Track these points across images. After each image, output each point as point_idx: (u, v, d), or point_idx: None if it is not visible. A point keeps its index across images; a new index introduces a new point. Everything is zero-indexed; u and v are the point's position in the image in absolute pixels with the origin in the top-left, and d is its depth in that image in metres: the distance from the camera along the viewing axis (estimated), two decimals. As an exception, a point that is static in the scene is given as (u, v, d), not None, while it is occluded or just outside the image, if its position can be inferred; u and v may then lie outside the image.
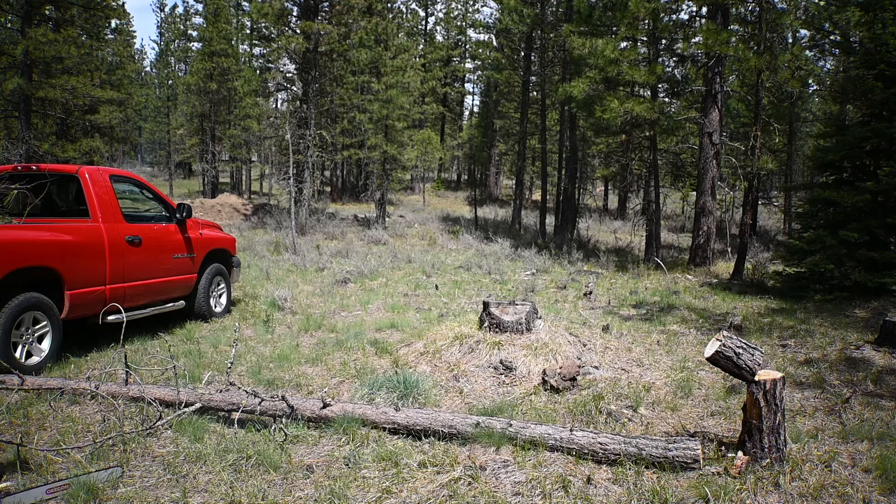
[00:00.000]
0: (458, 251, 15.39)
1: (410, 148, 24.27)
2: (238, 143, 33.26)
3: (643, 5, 11.84)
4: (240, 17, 40.58)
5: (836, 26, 15.76)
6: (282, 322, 7.48)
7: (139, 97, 38.31)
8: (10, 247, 4.93)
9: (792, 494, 3.31)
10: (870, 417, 4.44)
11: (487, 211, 28.72)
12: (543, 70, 22.29)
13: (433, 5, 44.85)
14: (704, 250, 13.18)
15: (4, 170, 6.15)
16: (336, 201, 32.41)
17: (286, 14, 20.11)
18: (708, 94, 12.81)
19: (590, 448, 3.66)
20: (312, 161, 20.32)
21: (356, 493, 3.33)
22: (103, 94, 20.00)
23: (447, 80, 42.91)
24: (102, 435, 3.86)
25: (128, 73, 29.10)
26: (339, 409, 4.10)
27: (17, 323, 4.95)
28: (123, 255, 5.91)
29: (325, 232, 18.23)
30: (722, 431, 4.20)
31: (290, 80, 21.46)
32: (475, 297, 9.32)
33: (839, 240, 8.80)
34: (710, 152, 12.84)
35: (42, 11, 18.93)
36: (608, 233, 21.39)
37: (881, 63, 9.10)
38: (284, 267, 11.98)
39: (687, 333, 7.22)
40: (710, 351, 3.73)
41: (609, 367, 5.56)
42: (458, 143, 42.01)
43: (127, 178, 6.66)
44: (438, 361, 5.53)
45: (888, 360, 5.83)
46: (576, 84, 13.37)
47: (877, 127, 9.05)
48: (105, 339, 6.03)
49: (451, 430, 3.92)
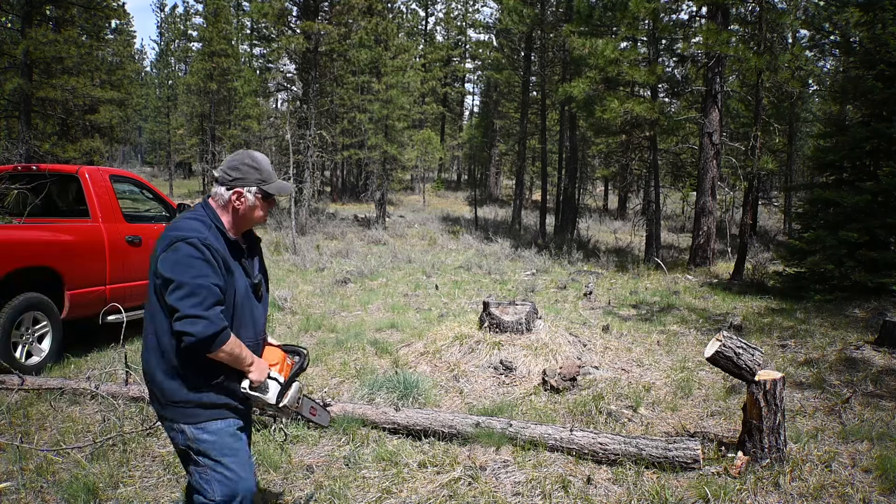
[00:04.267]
0: (458, 251, 15.39)
1: (410, 148, 24.29)
2: (238, 144, 33.23)
3: (643, 5, 11.84)
4: (240, 17, 40.59)
5: (835, 26, 15.76)
6: (282, 322, 7.48)
7: (139, 97, 38.34)
8: (10, 247, 4.93)
9: (792, 494, 3.31)
10: (870, 417, 4.44)
11: (487, 211, 28.72)
12: (543, 70, 22.29)
13: (433, 5, 44.87)
14: (704, 250, 13.18)
15: (4, 170, 6.15)
16: (336, 201, 32.41)
17: (286, 14, 20.12)
18: (708, 94, 12.81)
19: (590, 448, 3.66)
20: (312, 161, 20.32)
21: (356, 493, 3.33)
22: (103, 94, 20.02)
23: (447, 80, 42.92)
24: (102, 435, 3.86)
25: (128, 73, 29.07)
26: (339, 409, 4.10)
27: (17, 323, 4.95)
28: (123, 255, 5.91)
29: (325, 232, 18.24)
30: (722, 431, 4.20)
31: (290, 80, 21.46)
32: (475, 297, 9.32)
33: (839, 240, 8.80)
34: (710, 152, 12.84)
35: (42, 11, 18.94)
36: (608, 233, 21.39)
37: (881, 63, 9.09)
38: (284, 267, 11.98)
39: (687, 333, 7.22)
40: (710, 351, 3.73)
41: (609, 367, 5.56)
42: (458, 143, 42.03)
43: (127, 178, 6.66)
44: (438, 361, 5.52)
45: (888, 360, 5.83)
46: (576, 84, 13.37)
47: (877, 127, 9.05)
48: (105, 339, 6.03)
49: (451, 430, 3.92)
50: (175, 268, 2.04)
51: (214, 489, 2.15)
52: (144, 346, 2.21)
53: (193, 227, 2.14)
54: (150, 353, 2.18)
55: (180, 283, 2.01)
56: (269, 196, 2.30)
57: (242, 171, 2.23)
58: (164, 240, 2.13)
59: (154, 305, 2.16)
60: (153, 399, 2.24)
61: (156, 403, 2.24)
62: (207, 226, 2.17)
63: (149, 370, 2.19)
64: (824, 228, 9.38)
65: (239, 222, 2.28)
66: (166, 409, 2.18)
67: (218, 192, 2.24)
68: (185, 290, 2.00)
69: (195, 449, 2.16)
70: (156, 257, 2.14)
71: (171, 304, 2.02)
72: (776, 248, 15.99)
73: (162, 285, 2.07)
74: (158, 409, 2.24)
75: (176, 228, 2.15)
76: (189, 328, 1.98)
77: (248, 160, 2.26)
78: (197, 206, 2.31)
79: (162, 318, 2.12)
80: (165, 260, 2.07)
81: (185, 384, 2.13)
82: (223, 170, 2.25)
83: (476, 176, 38.37)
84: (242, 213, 2.25)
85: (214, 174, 2.28)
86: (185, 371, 2.13)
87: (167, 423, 2.23)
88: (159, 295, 2.11)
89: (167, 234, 2.14)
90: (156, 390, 2.19)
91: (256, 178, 2.25)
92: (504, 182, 42.05)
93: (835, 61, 21.28)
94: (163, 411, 2.20)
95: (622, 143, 17.06)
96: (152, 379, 2.18)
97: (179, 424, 2.16)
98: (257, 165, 2.26)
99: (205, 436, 2.15)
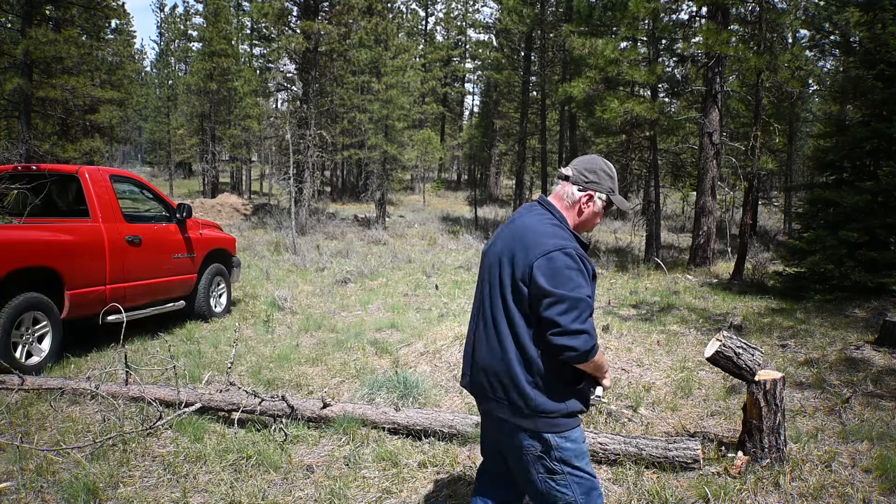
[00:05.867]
0: (458, 251, 15.39)
1: (410, 148, 24.29)
2: (238, 143, 33.30)
3: (643, 5, 11.84)
4: (240, 17, 40.58)
5: (836, 26, 15.76)
6: (282, 322, 7.48)
7: (139, 97, 38.37)
8: (10, 247, 4.93)
9: (792, 494, 3.31)
10: (870, 417, 4.44)
11: (487, 211, 28.72)
12: (543, 70, 22.30)
13: (433, 5, 44.89)
14: (704, 250, 13.17)
15: (4, 170, 6.15)
16: (336, 201, 32.42)
17: (286, 14, 20.12)
18: (708, 94, 12.80)
19: (590, 448, 3.66)
20: (312, 161, 20.32)
21: (356, 493, 3.33)
22: (103, 94, 20.02)
23: (447, 80, 42.94)
24: (102, 435, 3.86)
25: (128, 73, 29.09)
26: (339, 409, 4.10)
27: (17, 323, 4.95)
28: (123, 255, 5.91)
29: (325, 232, 18.24)
30: (722, 431, 4.20)
31: (290, 80, 21.46)
32: (475, 297, 9.31)
33: (839, 240, 8.80)
34: (710, 152, 12.84)
35: (42, 11, 18.94)
36: (608, 233, 21.38)
37: (881, 63, 9.09)
38: (284, 267, 11.98)
39: (687, 333, 7.22)
40: (710, 351, 3.73)
41: (609, 367, 5.56)
42: (458, 143, 42.04)
43: (127, 178, 6.66)
44: (438, 361, 5.53)
45: (888, 360, 5.83)
46: (576, 84, 13.37)
47: (877, 127, 9.04)
48: (105, 339, 6.03)
49: (451, 430, 3.92)
50: (553, 280, 2.01)
51: (575, 492, 2.16)
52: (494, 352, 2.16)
53: (560, 235, 2.13)
54: (508, 361, 2.12)
55: (561, 297, 1.99)
56: (610, 206, 2.31)
57: (599, 176, 2.24)
58: (536, 247, 2.08)
59: (511, 310, 2.12)
60: (510, 407, 2.15)
61: (513, 412, 2.15)
62: (568, 231, 2.19)
63: (510, 379, 2.12)
64: (824, 228, 9.38)
65: (580, 225, 2.28)
66: (528, 419, 2.12)
67: (568, 192, 2.24)
68: (565, 305, 1.98)
69: (556, 457, 2.14)
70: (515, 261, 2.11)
71: (549, 318, 1.99)
72: (776, 248, 15.99)
73: (536, 296, 2.04)
74: (515, 418, 2.15)
75: (543, 234, 2.12)
76: (571, 343, 1.97)
77: (606, 167, 2.27)
78: (534, 205, 2.28)
79: (524, 326, 2.09)
80: (540, 269, 2.03)
81: (553, 394, 2.11)
82: (578, 170, 2.24)
83: (476, 176, 38.39)
84: (585, 217, 2.27)
85: (565, 172, 2.26)
86: (556, 381, 2.10)
87: (517, 432, 2.16)
88: (518, 301, 2.09)
89: (537, 241, 2.10)
90: (517, 399, 2.12)
91: (609, 186, 2.26)
92: (504, 182, 42.07)
93: (835, 61, 21.28)
94: (521, 421, 2.13)
95: (622, 143, 17.06)
96: (515, 387, 2.11)
97: (541, 434, 2.12)
98: (612, 174, 2.28)
99: (568, 444, 2.15)
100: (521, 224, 2.21)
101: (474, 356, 2.27)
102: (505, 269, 2.15)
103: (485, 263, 2.29)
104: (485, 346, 2.20)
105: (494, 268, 2.19)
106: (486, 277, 2.26)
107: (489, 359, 2.18)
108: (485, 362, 2.20)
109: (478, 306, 2.29)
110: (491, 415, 2.25)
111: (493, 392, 2.18)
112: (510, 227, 2.27)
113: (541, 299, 2.02)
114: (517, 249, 2.12)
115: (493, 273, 2.20)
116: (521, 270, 2.09)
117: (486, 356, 2.19)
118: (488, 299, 2.21)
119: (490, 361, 2.17)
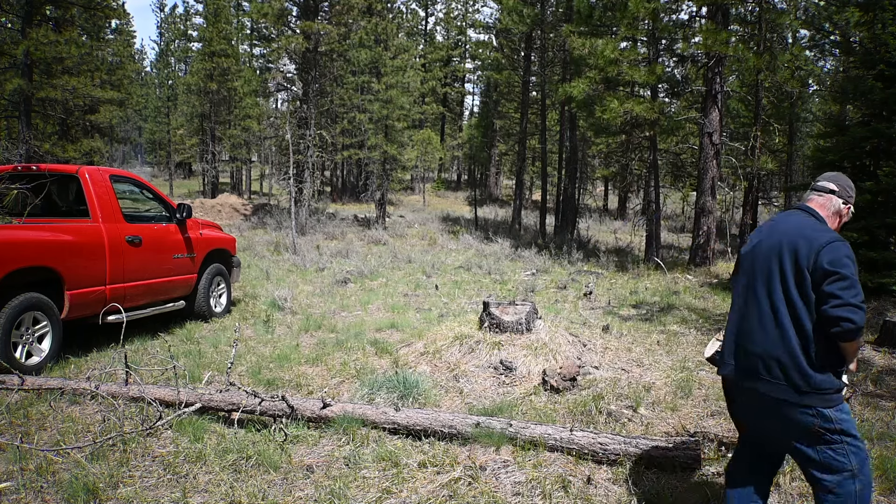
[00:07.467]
0: (458, 251, 15.39)
1: (410, 148, 24.31)
2: (238, 144, 33.30)
3: (643, 5, 11.84)
4: (240, 17, 40.58)
5: (835, 26, 15.75)
6: (282, 322, 7.49)
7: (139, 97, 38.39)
8: (10, 247, 4.93)
9: (792, 495, 3.31)
10: (870, 417, 4.44)
11: (487, 211, 28.73)
12: (543, 70, 22.29)
13: (433, 5, 44.90)
14: (704, 250, 13.17)
15: (4, 170, 6.15)
16: (336, 201, 32.42)
17: (286, 14, 20.12)
18: (708, 94, 12.81)
19: (590, 448, 3.66)
20: (312, 161, 20.33)
21: (356, 493, 3.33)
22: (103, 94, 20.00)
23: (447, 80, 42.94)
24: (102, 435, 3.86)
25: (128, 73, 29.09)
26: (339, 410, 4.10)
27: (17, 323, 4.95)
28: (123, 255, 5.91)
29: (325, 232, 18.24)
30: (722, 431, 4.20)
31: (290, 80, 21.46)
32: (475, 297, 9.32)
33: (839, 240, 8.79)
34: (710, 152, 12.84)
35: (42, 11, 18.93)
36: (608, 233, 21.39)
37: (881, 63, 9.09)
38: (284, 267, 11.98)
39: (687, 333, 7.22)
40: (710, 351, 3.71)
41: (609, 367, 5.56)
42: (458, 143, 42.03)
43: (127, 178, 6.66)
44: (438, 361, 5.53)
45: (888, 360, 5.83)
46: (576, 84, 13.37)
47: (877, 127, 9.05)
48: (105, 339, 6.03)
49: (451, 430, 3.92)
50: (835, 263, 2.33)
51: (851, 460, 2.39)
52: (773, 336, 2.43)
53: (834, 233, 2.47)
54: (789, 343, 2.39)
55: (844, 275, 2.31)
56: None
57: (851, 193, 2.67)
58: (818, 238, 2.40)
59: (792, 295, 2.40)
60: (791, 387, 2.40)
61: (794, 390, 2.39)
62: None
63: (791, 360, 2.39)
64: (824, 228, 9.37)
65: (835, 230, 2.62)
66: (806, 396, 2.38)
67: (833, 203, 2.63)
68: (848, 283, 2.30)
69: (835, 429, 2.38)
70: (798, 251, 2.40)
71: (831, 291, 2.30)
72: (776, 248, 15.94)
73: (821, 276, 2.34)
74: (796, 397, 2.40)
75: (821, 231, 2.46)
76: (850, 315, 2.26)
77: (852, 184, 2.69)
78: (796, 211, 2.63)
79: (804, 310, 2.38)
80: (825, 254, 2.35)
81: (829, 372, 2.39)
82: (842, 186, 2.64)
83: (476, 176, 38.40)
84: (839, 224, 2.66)
85: (830, 187, 2.63)
86: (828, 361, 2.38)
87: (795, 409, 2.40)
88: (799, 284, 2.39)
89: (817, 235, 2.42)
90: (798, 378, 2.38)
91: (854, 201, 2.69)
92: (504, 182, 42.07)
93: (835, 61, 21.28)
94: (800, 398, 2.39)
95: (622, 143, 17.06)
96: (797, 367, 2.38)
97: (817, 409, 2.37)
98: (855, 191, 2.72)
99: (842, 416, 2.40)
100: (796, 223, 2.54)
101: (744, 345, 2.56)
102: (786, 259, 2.45)
103: (757, 258, 2.58)
104: (759, 333, 2.49)
105: (772, 260, 2.49)
106: (758, 270, 2.55)
107: (766, 343, 2.46)
108: (761, 347, 2.48)
109: (744, 299, 2.61)
110: (763, 397, 2.48)
111: (769, 374, 2.46)
112: (780, 227, 2.58)
113: (825, 278, 2.33)
114: (799, 242, 2.43)
115: (771, 265, 2.49)
116: (805, 257, 2.39)
117: (763, 341, 2.47)
118: (764, 288, 2.50)
119: (768, 346, 2.46)
